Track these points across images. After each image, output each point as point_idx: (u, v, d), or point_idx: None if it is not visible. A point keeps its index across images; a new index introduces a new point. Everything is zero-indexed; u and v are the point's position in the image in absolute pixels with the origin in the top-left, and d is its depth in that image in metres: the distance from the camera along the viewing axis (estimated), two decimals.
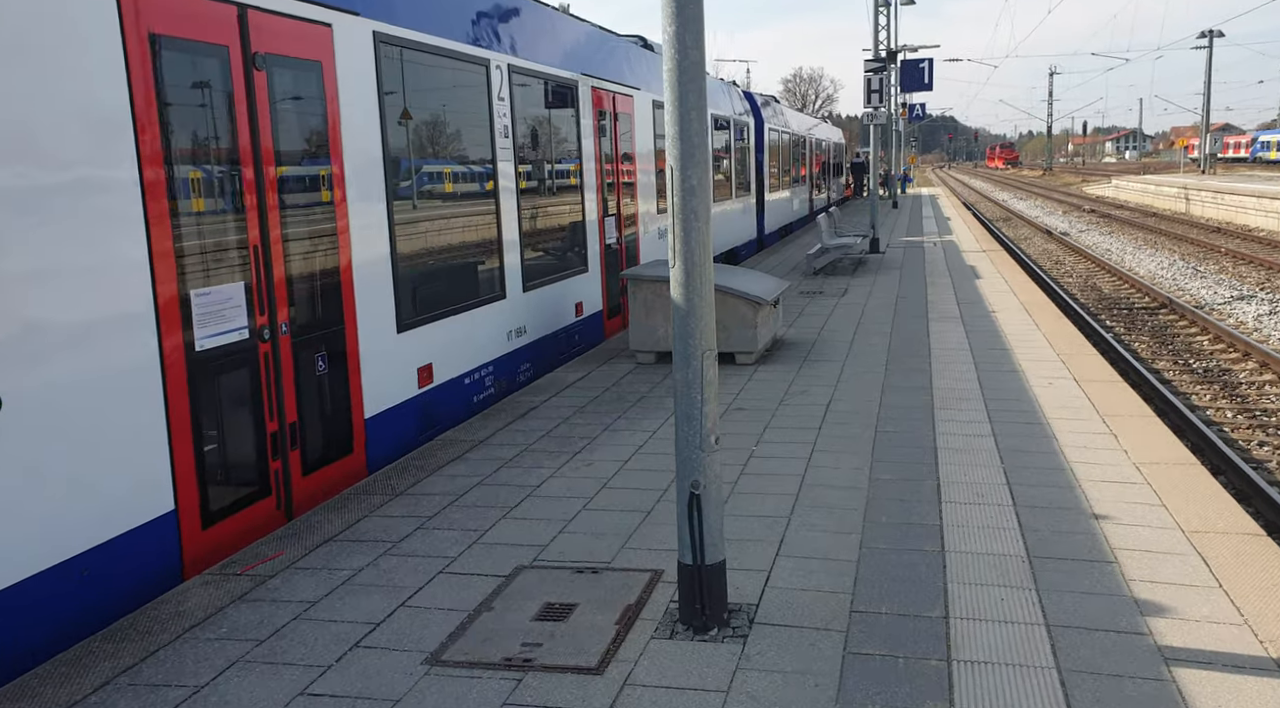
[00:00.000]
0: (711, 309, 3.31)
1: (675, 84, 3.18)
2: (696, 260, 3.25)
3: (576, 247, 9.19)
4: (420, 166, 6.45)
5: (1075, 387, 6.68)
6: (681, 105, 3.18)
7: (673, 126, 3.21)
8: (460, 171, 6.99)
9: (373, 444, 5.68)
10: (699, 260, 3.25)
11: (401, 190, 6.18)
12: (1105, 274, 19.27)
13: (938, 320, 9.61)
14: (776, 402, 6.52)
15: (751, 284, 7.97)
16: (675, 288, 3.29)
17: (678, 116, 3.19)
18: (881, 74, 16.44)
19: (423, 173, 6.50)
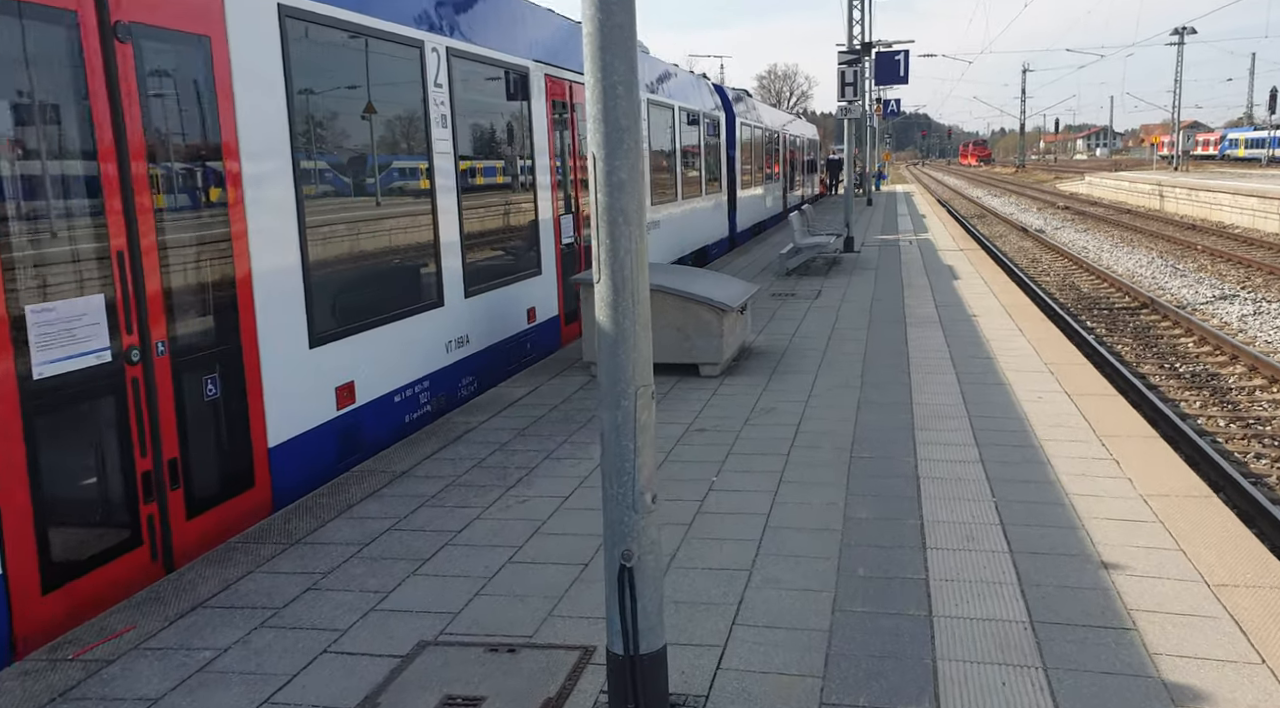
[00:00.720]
0: (647, 335, 2.66)
1: (597, 53, 2.52)
2: (628, 274, 2.59)
3: (528, 247, 8.51)
4: (340, 162, 5.74)
5: (1067, 401, 6.10)
6: (605, 78, 2.52)
7: (595, 105, 2.55)
8: (388, 167, 6.28)
9: (279, 475, 4.98)
10: (631, 274, 2.59)
11: (316, 189, 5.47)
12: (1083, 273, 18.87)
13: (916, 325, 9.03)
14: (741, 421, 5.88)
15: (717, 289, 7.33)
16: (600, 309, 2.63)
17: (601, 93, 2.53)
18: (856, 66, 15.87)
19: (343, 169, 5.79)
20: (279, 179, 5.08)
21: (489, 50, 7.68)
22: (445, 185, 6.90)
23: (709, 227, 16.75)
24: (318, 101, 5.56)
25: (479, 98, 7.61)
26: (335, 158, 5.70)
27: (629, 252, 2.59)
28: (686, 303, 6.96)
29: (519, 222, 8.31)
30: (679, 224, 14.41)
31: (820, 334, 8.76)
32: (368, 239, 6.01)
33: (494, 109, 7.92)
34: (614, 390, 2.62)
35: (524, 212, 8.43)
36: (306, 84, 5.39)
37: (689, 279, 7.46)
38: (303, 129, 5.33)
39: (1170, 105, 56.50)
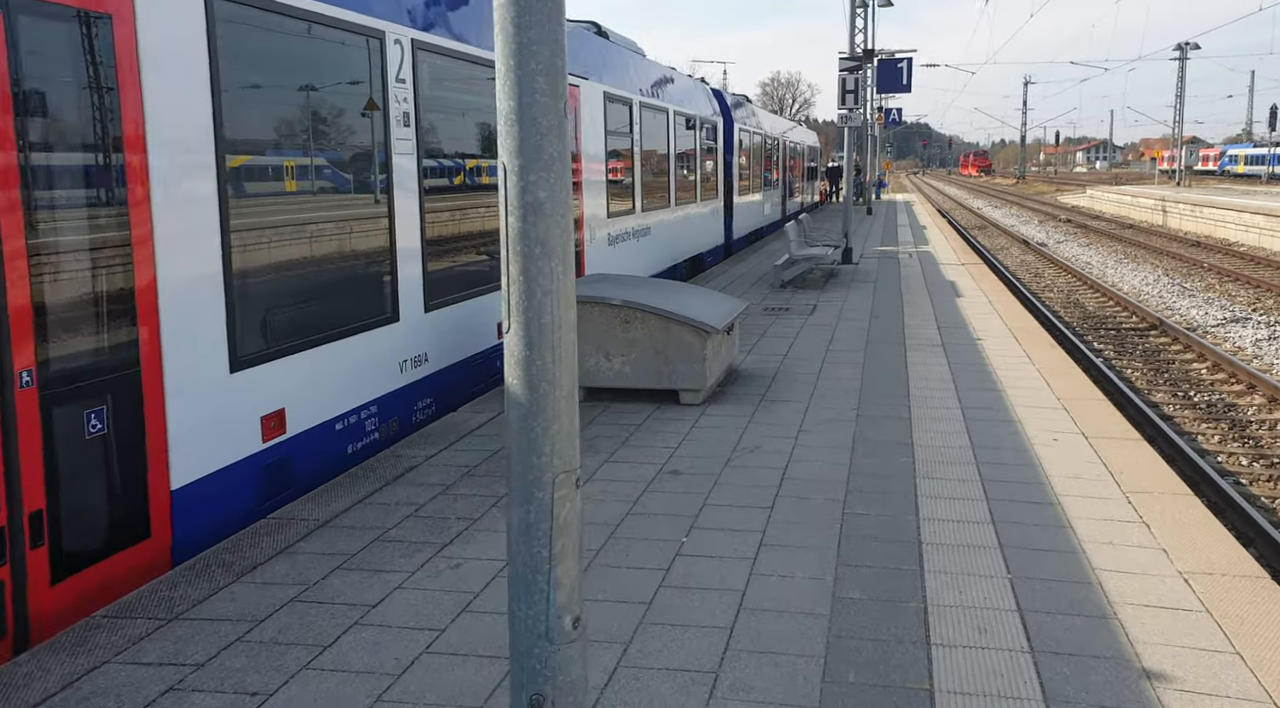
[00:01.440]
0: (572, 404, 2.01)
1: (510, 30, 1.87)
2: (547, 322, 1.94)
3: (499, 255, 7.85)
4: (278, 160, 5.09)
5: (1085, 445, 5.46)
6: (520, 64, 1.87)
7: (507, 100, 1.90)
8: (337, 166, 5.63)
9: (184, 523, 4.32)
10: (552, 322, 1.94)
11: (247, 188, 4.82)
12: (1088, 290, 18.27)
13: (917, 348, 8.39)
14: (722, 462, 5.23)
15: (700, 307, 6.69)
16: (510, 368, 1.98)
17: (515, 85, 1.88)
18: (857, 73, 15.25)
19: (282, 168, 5.14)
20: (198, 176, 4.43)
21: (461, 45, 7.04)
22: (405, 188, 6.25)
23: (703, 234, 16.12)
24: (254, 93, 4.91)
25: (449, 95, 6.97)
26: (273, 155, 5.05)
27: (549, 293, 1.94)
28: (667, 323, 6.31)
29: (492, 228, 7.66)
30: (671, 231, 13.78)
31: (814, 356, 8.11)
32: (309, 246, 5.36)
33: (466, 107, 7.27)
34: (525, 478, 1.97)
35: (497, 217, 7.78)
36: (240, 73, 4.74)
37: (671, 295, 6.81)
38: (233, 122, 4.68)
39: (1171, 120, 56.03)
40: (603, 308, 6.35)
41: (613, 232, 10.89)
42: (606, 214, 10.62)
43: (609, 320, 6.37)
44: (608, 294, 6.37)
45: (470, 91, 7.25)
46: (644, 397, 6.60)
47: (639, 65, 12.37)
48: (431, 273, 6.62)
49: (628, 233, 11.53)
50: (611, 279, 7.23)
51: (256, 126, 4.95)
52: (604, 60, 10.76)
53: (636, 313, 6.32)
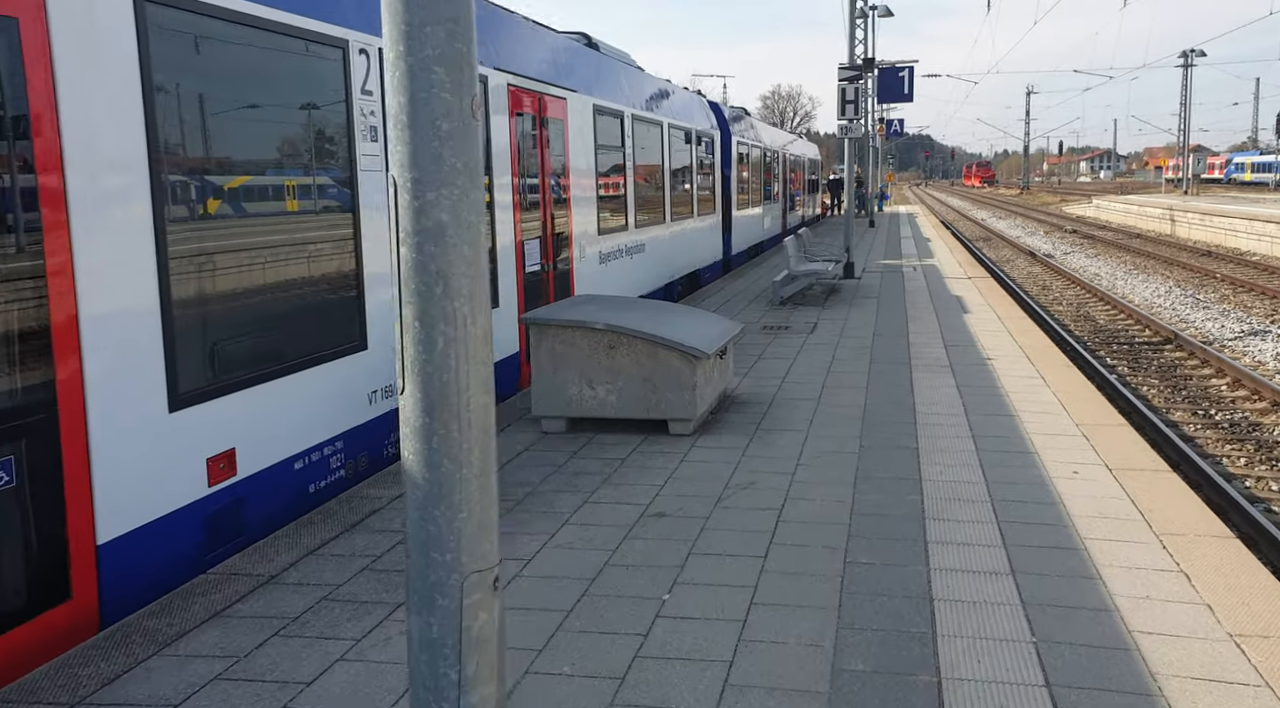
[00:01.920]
0: (489, 482, 1.58)
1: (396, 9, 1.46)
2: (455, 381, 1.51)
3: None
4: (228, 179, 4.69)
5: (1109, 478, 5.01)
6: (411, 52, 1.46)
7: (395, 96, 1.48)
8: (294, 185, 5.24)
9: (114, 580, 3.89)
10: (461, 381, 1.52)
11: (190, 210, 4.42)
12: (1098, 302, 17.81)
13: (923, 370, 7.94)
14: (712, 502, 4.79)
15: (691, 330, 6.26)
16: (408, 440, 1.55)
17: (405, 76, 1.47)
18: (857, 83, 14.88)
19: (232, 188, 4.74)
20: (130, 198, 4.02)
21: None
22: (373, 205, 5.85)
23: (701, 249, 15.72)
24: (199, 107, 4.52)
25: None
26: (221, 174, 4.65)
27: (454, 342, 1.51)
28: (654, 348, 5.88)
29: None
30: (667, 247, 13.38)
31: (814, 379, 7.67)
32: (264, 271, 4.95)
33: None
34: (425, 580, 1.53)
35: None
36: (182, 85, 4.35)
37: (660, 318, 6.39)
38: (172, 139, 4.29)
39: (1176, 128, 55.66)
40: (585, 333, 5.93)
41: (604, 249, 10.49)
42: (597, 231, 10.22)
43: (592, 346, 5.94)
44: (591, 318, 5.95)
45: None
46: (631, 427, 6.16)
47: (631, 77, 12.02)
48: None
49: (620, 250, 11.13)
50: (598, 301, 6.81)
51: (204, 144, 4.56)
52: (593, 72, 10.40)
53: (622, 338, 5.89)
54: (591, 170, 10.06)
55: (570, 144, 9.40)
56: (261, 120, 5.02)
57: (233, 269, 4.70)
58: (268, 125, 5.06)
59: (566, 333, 5.95)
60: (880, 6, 26.02)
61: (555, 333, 5.97)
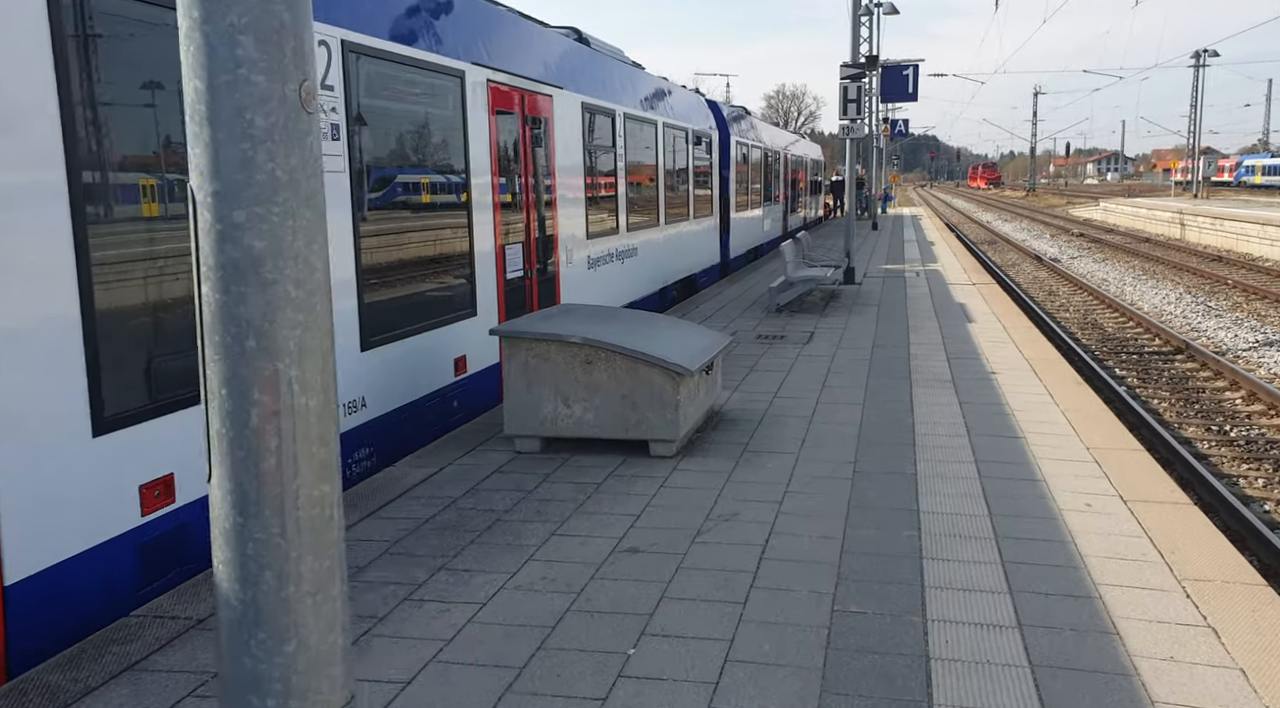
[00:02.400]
0: (334, 610, 1.19)
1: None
2: (278, 466, 1.12)
3: (460, 283, 7.06)
4: (161, 175, 4.31)
5: (1124, 512, 4.60)
6: (209, 18, 1.07)
7: (193, 79, 1.09)
8: None
9: (25, 625, 3.51)
10: (286, 467, 1.13)
11: (115, 211, 4.03)
12: (1106, 309, 17.37)
13: (924, 385, 7.54)
14: (690, 535, 4.39)
15: (675, 344, 5.87)
16: (218, 544, 1.16)
17: (201, 51, 1.08)
18: (860, 82, 14.47)
19: (165, 185, 4.35)
20: (40, 197, 3.64)
21: (405, 47, 6.27)
22: (334, 205, 5.47)
23: (697, 252, 15.32)
24: (124, 97, 4.14)
25: (391, 104, 6.20)
26: (153, 170, 4.26)
27: (276, 414, 1.12)
28: (634, 364, 5.48)
29: (447, 252, 6.87)
30: (661, 251, 12.98)
31: (808, 394, 7.27)
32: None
33: (414, 118, 6.50)
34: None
35: (454, 240, 6.99)
36: (103, 74, 3.96)
37: (642, 330, 5.99)
38: (92, 132, 3.91)
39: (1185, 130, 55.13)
40: (561, 347, 5.54)
41: (593, 253, 10.09)
42: (586, 234, 9.83)
43: (568, 361, 5.55)
44: (567, 331, 5.55)
45: (413, 99, 6.48)
46: (610, 448, 5.77)
47: (624, 75, 11.62)
48: (371, 305, 5.83)
49: (611, 254, 10.74)
50: (577, 311, 6.42)
51: (132, 137, 4.17)
52: (582, 68, 10.00)
53: (599, 352, 5.50)
54: (580, 171, 9.67)
55: (556, 143, 9.01)
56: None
57: (168, 277, 4.31)
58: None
59: (541, 347, 5.56)
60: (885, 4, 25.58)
61: (529, 347, 5.58)
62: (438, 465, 5.54)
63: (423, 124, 6.61)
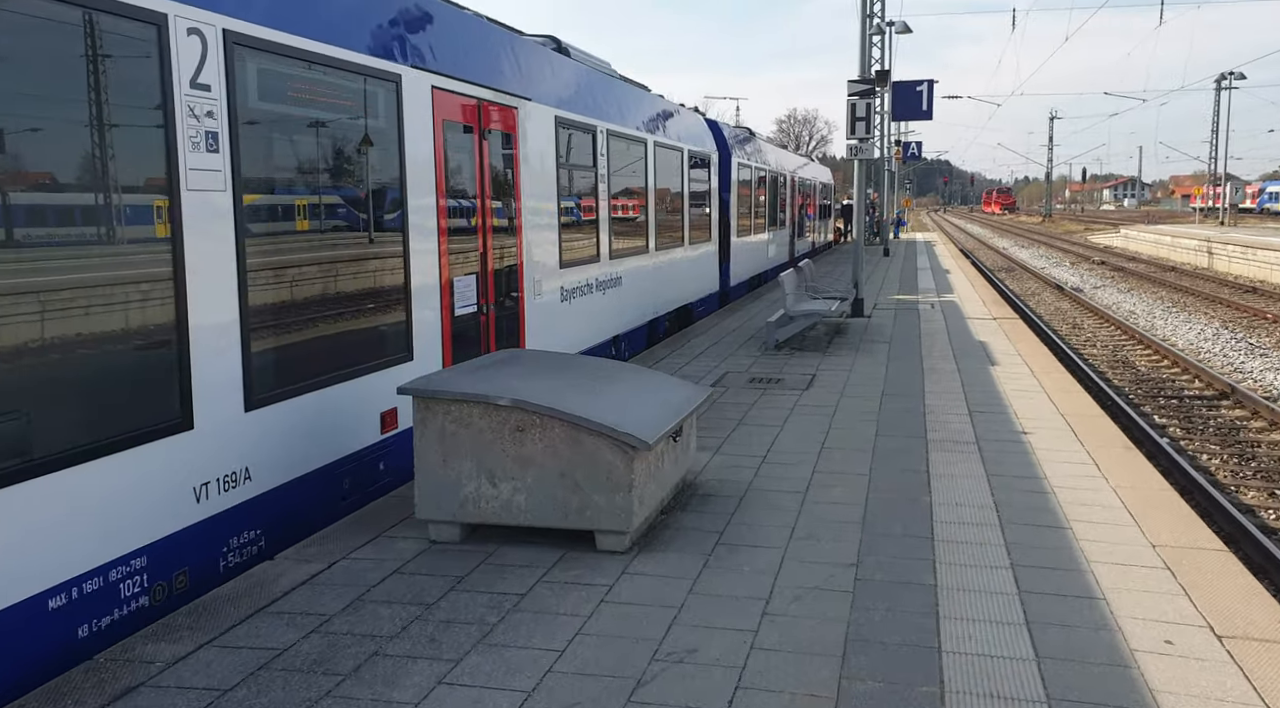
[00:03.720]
0: None
1: None
2: None
3: (389, 322, 5.95)
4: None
5: (1221, 655, 3.40)
6: None
7: None
8: (71, 207, 3.77)
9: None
10: None
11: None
12: (1136, 345, 16.11)
13: (943, 448, 6.34)
14: (627, 688, 3.21)
15: (633, 404, 4.71)
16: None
17: None
18: (869, 99, 13.39)
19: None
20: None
21: (316, 44, 5.20)
22: (206, 234, 4.38)
23: (693, 281, 14.20)
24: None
25: (295, 110, 5.12)
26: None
27: None
28: (576, 433, 4.33)
29: (373, 285, 5.77)
30: (650, 280, 11.86)
31: (803, 459, 6.09)
32: (35, 323, 3.50)
33: (328, 128, 5.42)
34: None
35: (383, 271, 5.89)
36: None
37: (597, 385, 4.84)
38: None
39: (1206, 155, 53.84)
40: (484, 409, 4.39)
41: (568, 284, 8.98)
42: (559, 263, 8.72)
43: (495, 428, 4.40)
44: (491, 389, 4.41)
45: (331, 106, 5.41)
46: (548, 538, 4.60)
47: (609, 88, 10.56)
48: (262, 352, 4.72)
49: (589, 285, 9.62)
50: (522, 360, 5.28)
51: None
52: (557, 79, 8.95)
53: (534, 417, 4.35)
54: (552, 193, 8.58)
55: (523, 161, 7.93)
56: (43, 121, 3.57)
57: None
58: (39, 126, 3.60)
59: (460, 409, 4.41)
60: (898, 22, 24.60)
61: (446, 409, 4.43)
62: (328, 560, 4.38)
63: (340, 135, 5.53)
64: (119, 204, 3.96)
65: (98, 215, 3.86)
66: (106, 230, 3.90)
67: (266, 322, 4.76)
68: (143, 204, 4.09)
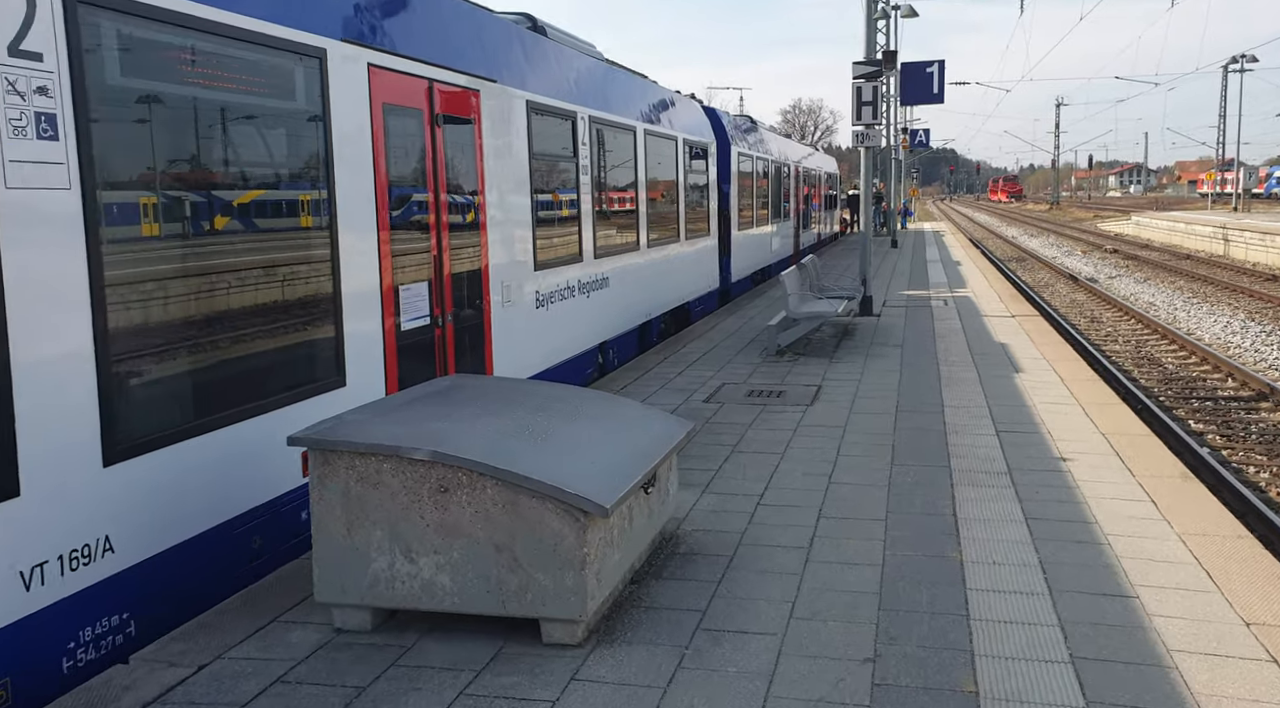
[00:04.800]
0: None
1: None
2: None
3: (312, 341, 5.02)
4: None
5: None
6: None
7: None
8: None
9: None
10: None
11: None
12: (1160, 340, 15.12)
13: (971, 483, 5.40)
14: None
15: (591, 449, 3.77)
16: None
17: None
18: (876, 81, 12.40)
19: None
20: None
21: (206, 8, 4.25)
22: (34, 242, 3.45)
23: (690, 278, 13.24)
24: None
25: (173, 88, 4.17)
26: None
27: None
28: (516, 495, 3.39)
29: (290, 297, 4.84)
30: (642, 279, 10.91)
31: (806, 500, 5.14)
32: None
33: (221, 110, 4.46)
34: None
35: (303, 279, 4.95)
36: None
37: (547, 422, 3.90)
38: None
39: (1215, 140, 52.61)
40: (398, 465, 3.45)
41: (545, 288, 8.04)
42: (534, 264, 7.78)
43: (411, 489, 3.47)
44: (407, 438, 3.46)
45: (225, 82, 4.46)
46: (484, 627, 3.66)
47: (592, 72, 9.60)
48: (128, 391, 3.79)
49: (571, 287, 8.68)
50: (457, 392, 4.34)
51: None
52: (530, 61, 7.99)
53: (460, 474, 3.41)
54: (524, 185, 7.63)
55: (487, 150, 6.98)
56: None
57: None
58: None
59: (368, 464, 3.48)
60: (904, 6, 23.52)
61: (350, 464, 3.50)
62: (197, 661, 3.44)
63: (244, 120, 4.58)
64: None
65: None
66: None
67: (135, 349, 3.83)
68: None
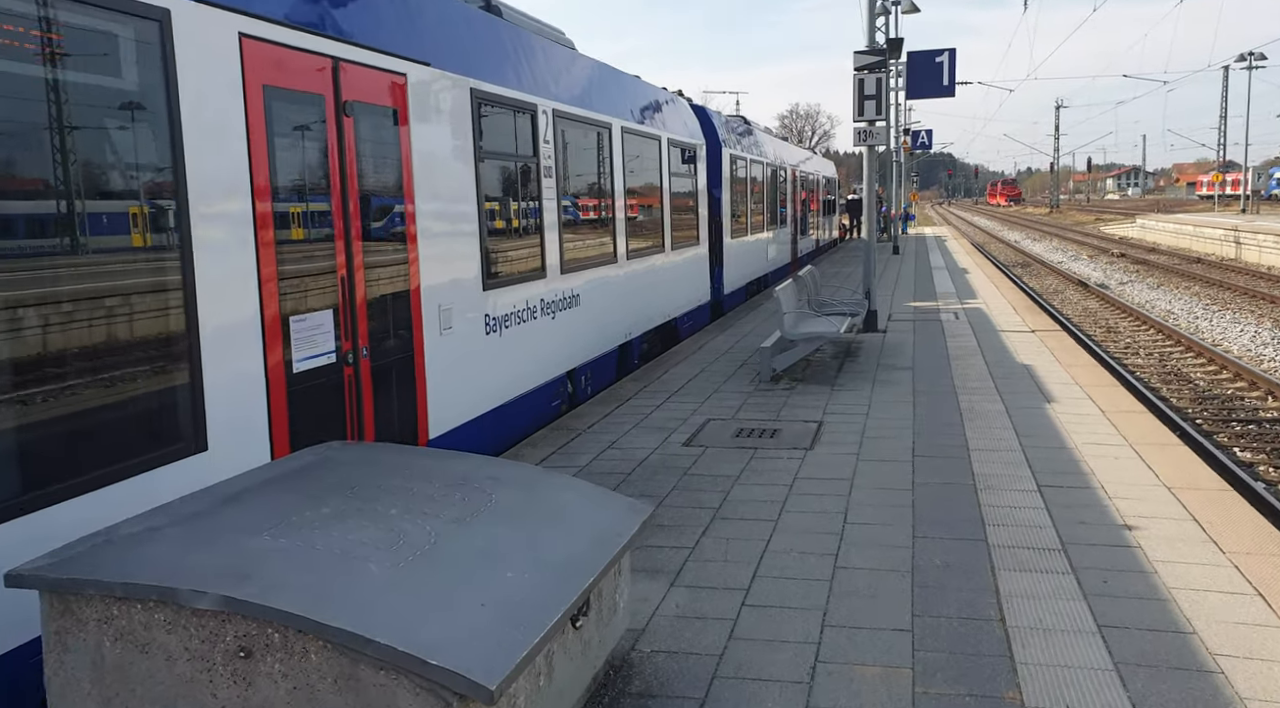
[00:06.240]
0: None
1: None
2: None
3: (151, 391, 3.82)
4: None
5: None
6: None
7: None
8: None
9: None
10: None
11: None
12: (1185, 352, 13.95)
13: (1018, 566, 4.20)
14: None
15: (492, 569, 2.58)
16: None
17: None
18: (879, 73, 11.27)
19: None
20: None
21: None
22: None
23: (678, 292, 12.05)
24: None
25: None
26: None
27: None
28: (354, 664, 2.20)
29: (116, 337, 3.65)
30: (619, 294, 9.72)
31: (806, 597, 3.95)
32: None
33: (22, 89, 3.29)
34: None
35: (140, 313, 3.77)
36: None
37: (434, 526, 2.71)
38: None
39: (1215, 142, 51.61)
40: (173, 616, 2.26)
41: (496, 310, 6.85)
42: (482, 282, 6.59)
43: (199, 653, 2.27)
44: (188, 576, 2.26)
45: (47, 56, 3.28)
46: None
47: (556, 59, 8.43)
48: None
49: (532, 308, 7.49)
50: (327, 470, 3.14)
51: None
52: (476, 41, 6.81)
53: (270, 632, 2.23)
54: (470, 189, 6.45)
55: (415, 147, 5.79)
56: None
57: None
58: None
59: (130, 615, 2.28)
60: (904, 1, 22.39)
61: (104, 615, 2.30)
62: None
63: (34, 99, 3.40)
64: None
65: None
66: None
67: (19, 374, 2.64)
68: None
